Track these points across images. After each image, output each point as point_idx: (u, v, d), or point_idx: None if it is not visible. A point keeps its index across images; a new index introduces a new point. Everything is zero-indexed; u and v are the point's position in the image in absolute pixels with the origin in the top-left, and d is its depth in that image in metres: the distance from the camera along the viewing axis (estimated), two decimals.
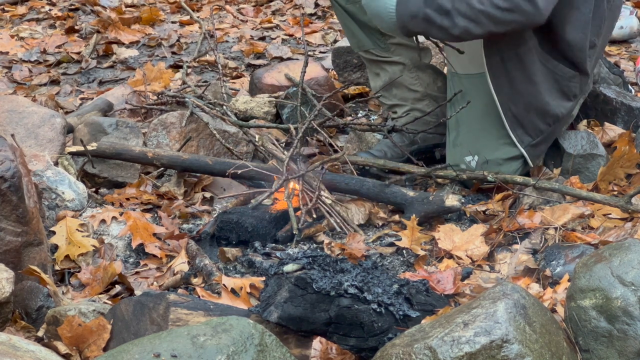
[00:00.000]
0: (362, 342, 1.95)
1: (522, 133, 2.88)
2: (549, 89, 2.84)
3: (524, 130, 2.88)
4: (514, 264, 2.48)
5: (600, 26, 2.87)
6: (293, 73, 3.67)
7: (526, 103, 2.85)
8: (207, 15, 4.89)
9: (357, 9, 3.12)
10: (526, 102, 2.85)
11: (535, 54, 2.80)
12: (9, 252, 2.27)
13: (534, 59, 2.81)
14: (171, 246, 2.68)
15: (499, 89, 2.85)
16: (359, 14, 3.13)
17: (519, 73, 2.82)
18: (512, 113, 2.86)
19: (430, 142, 3.20)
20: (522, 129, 2.88)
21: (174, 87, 3.90)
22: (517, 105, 2.85)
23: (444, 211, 2.77)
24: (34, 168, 2.78)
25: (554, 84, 2.85)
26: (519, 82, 2.83)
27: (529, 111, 2.85)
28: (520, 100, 2.85)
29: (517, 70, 2.82)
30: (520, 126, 2.87)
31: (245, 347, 1.65)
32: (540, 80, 2.83)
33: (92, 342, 2.03)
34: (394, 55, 3.17)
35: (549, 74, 2.84)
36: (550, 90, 2.84)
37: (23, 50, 4.47)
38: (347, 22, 3.19)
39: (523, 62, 2.81)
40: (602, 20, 2.87)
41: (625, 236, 2.45)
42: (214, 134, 3.15)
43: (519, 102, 2.85)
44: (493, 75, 2.85)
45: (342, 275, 2.02)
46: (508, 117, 2.87)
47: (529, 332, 1.73)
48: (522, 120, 2.87)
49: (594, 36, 2.86)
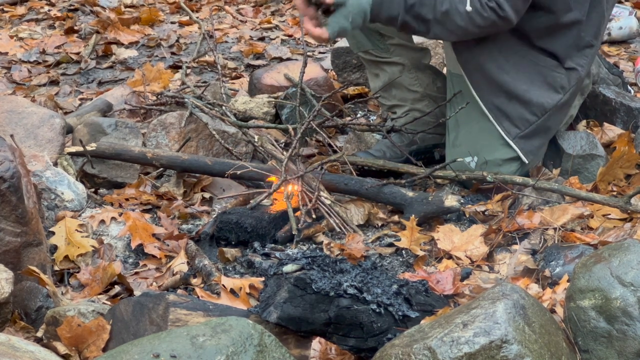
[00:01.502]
0: (361, 343, 1.95)
1: (508, 125, 2.89)
2: (530, 79, 2.87)
3: (510, 122, 2.89)
4: (513, 264, 2.48)
5: (599, 27, 2.88)
6: (292, 73, 3.67)
7: (506, 93, 2.87)
8: (206, 16, 4.89)
9: None
10: (506, 92, 2.87)
11: (508, 46, 2.85)
12: (9, 252, 2.27)
13: (508, 50, 2.85)
14: (170, 246, 2.68)
15: (477, 85, 2.90)
16: None
17: (492, 65, 2.86)
18: (495, 105, 2.89)
19: (430, 142, 3.20)
20: (508, 121, 2.89)
21: (173, 87, 3.90)
22: (498, 96, 2.88)
23: (444, 211, 2.77)
24: (34, 168, 2.78)
25: (535, 75, 2.87)
26: (494, 74, 2.87)
27: (510, 100, 2.87)
28: (500, 91, 2.87)
29: (489, 62, 2.86)
30: (505, 117, 2.89)
31: (245, 347, 1.65)
32: (518, 70, 2.86)
33: (91, 343, 2.03)
34: (393, 55, 3.17)
35: (528, 65, 2.87)
36: (531, 80, 2.87)
37: (22, 51, 4.47)
38: None
39: (494, 54, 2.85)
40: (601, 21, 2.88)
41: (625, 236, 2.45)
42: (213, 134, 3.15)
43: (499, 94, 2.88)
44: (468, 72, 2.90)
45: (342, 276, 2.02)
46: (491, 110, 2.89)
47: (528, 332, 1.73)
48: (505, 110, 2.88)
49: (590, 36, 2.86)
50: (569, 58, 2.87)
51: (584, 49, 2.88)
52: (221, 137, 3.16)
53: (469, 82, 2.90)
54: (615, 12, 4.38)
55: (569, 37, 2.85)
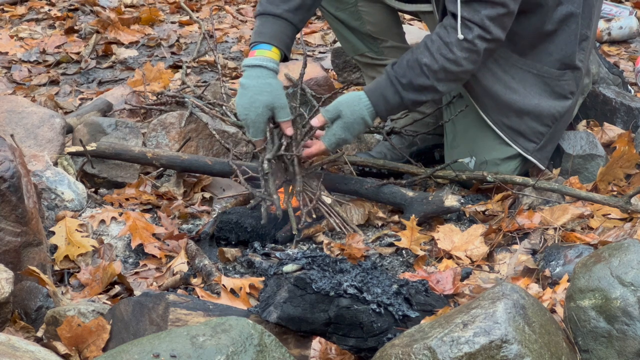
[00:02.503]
0: (361, 343, 1.95)
1: (524, 141, 2.87)
2: (538, 92, 2.83)
3: (525, 138, 2.86)
4: (513, 264, 2.48)
5: (590, 18, 2.85)
6: (292, 73, 3.67)
7: (517, 111, 2.83)
8: (206, 16, 4.89)
9: (347, 15, 3.13)
10: (516, 111, 2.83)
11: (511, 63, 2.80)
12: (9, 252, 2.27)
13: (512, 67, 2.80)
14: (170, 246, 2.68)
15: (485, 108, 2.86)
16: (349, 20, 3.14)
17: (499, 87, 2.81)
18: (507, 125, 2.86)
19: (430, 143, 3.20)
20: (523, 137, 2.86)
21: (173, 87, 3.90)
22: (509, 116, 2.84)
23: (444, 211, 2.77)
24: (34, 168, 2.78)
25: (543, 86, 2.83)
26: (503, 95, 2.82)
27: (522, 118, 2.84)
28: (510, 111, 2.84)
29: (496, 84, 2.81)
30: (519, 135, 2.86)
31: (245, 347, 1.65)
32: (525, 86, 2.82)
33: (91, 343, 2.03)
34: (389, 57, 3.17)
35: (535, 79, 2.82)
36: (539, 93, 2.83)
37: (22, 51, 4.47)
38: (339, 29, 3.20)
39: (498, 74, 2.80)
40: (592, 11, 2.85)
41: (625, 236, 2.45)
42: (213, 134, 3.15)
43: (510, 113, 2.84)
44: (475, 97, 2.86)
45: (342, 276, 2.02)
46: (505, 131, 2.86)
47: (528, 332, 1.73)
48: (518, 128, 2.85)
49: (585, 28, 2.84)
50: (575, 55, 2.83)
51: (581, 42, 2.85)
52: (221, 137, 3.16)
53: (477, 106, 2.86)
54: (616, 12, 4.38)
55: (569, 33, 2.82)
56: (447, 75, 2.64)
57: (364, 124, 2.68)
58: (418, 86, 2.65)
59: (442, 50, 2.62)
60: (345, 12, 3.13)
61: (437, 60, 2.62)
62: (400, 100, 2.67)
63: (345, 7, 3.12)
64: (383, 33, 3.16)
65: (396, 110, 2.79)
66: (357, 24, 3.14)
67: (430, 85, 2.65)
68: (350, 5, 3.12)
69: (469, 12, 2.58)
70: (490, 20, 2.58)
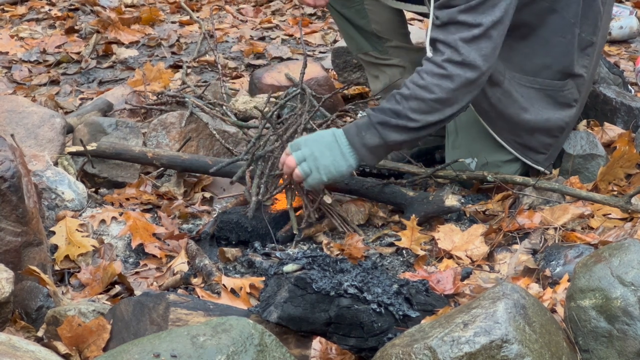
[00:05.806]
0: (361, 342, 1.95)
1: (534, 154, 2.88)
2: (545, 106, 2.83)
3: (535, 151, 2.88)
4: (513, 264, 2.48)
5: (596, 24, 2.84)
6: (293, 73, 3.67)
7: (528, 130, 2.84)
8: (206, 16, 4.89)
9: (353, 13, 3.13)
10: (528, 129, 2.84)
11: (516, 83, 2.79)
12: (9, 252, 2.27)
13: (520, 86, 2.79)
14: (171, 246, 2.68)
15: (498, 129, 2.85)
16: (355, 18, 3.14)
17: (513, 109, 2.80)
18: (519, 143, 2.87)
19: (431, 144, 3.20)
20: (533, 151, 2.88)
21: (173, 87, 3.90)
22: (521, 135, 2.85)
23: (444, 211, 2.77)
24: (34, 168, 2.78)
25: (547, 99, 2.83)
26: (516, 117, 2.81)
27: (533, 135, 2.85)
28: (522, 130, 2.84)
29: (510, 107, 2.79)
30: (530, 150, 2.87)
31: (245, 347, 1.65)
32: (533, 104, 2.81)
33: (91, 342, 2.03)
34: (393, 57, 3.17)
35: (539, 93, 2.82)
36: (545, 107, 2.83)
37: (23, 51, 4.47)
38: (345, 26, 3.20)
39: (513, 96, 2.78)
40: (597, 17, 2.84)
41: (625, 236, 2.45)
42: (213, 134, 3.15)
43: (522, 132, 2.85)
44: (488, 121, 2.84)
45: (342, 276, 2.02)
46: (517, 149, 2.87)
47: (528, 332, 1.73)
48: (529, 144, 2.87)
49: (590, 35, 2.84)
50: (573, 63, 2.82)
51: (585, 48, 2.85)
52: (222, 136, 3.16)
53: (490, 129, 2.85)
54: (616, 12, 4.38)
55: (565, 44, 2.79)
56: (419, 104, 2.52)
57: (349, 174, 2.61)
58: (396, 126, 2.52)
59: (414, 78, 2.55)
60: (352, 10, 3.13)
61: (408, 87, 2.55)
62: (383, 142, 2.55)
63: (352, 4, 3.12)
64: (388, 32, 3.16)
65: (388, 152, 2.67)
66: (363, 22, 3.14)
67: (402, 112, 2.52)
68: (356, 4, 3.12)
69: (444, 34, 2.51)
70: (464, 42, 2.49)
